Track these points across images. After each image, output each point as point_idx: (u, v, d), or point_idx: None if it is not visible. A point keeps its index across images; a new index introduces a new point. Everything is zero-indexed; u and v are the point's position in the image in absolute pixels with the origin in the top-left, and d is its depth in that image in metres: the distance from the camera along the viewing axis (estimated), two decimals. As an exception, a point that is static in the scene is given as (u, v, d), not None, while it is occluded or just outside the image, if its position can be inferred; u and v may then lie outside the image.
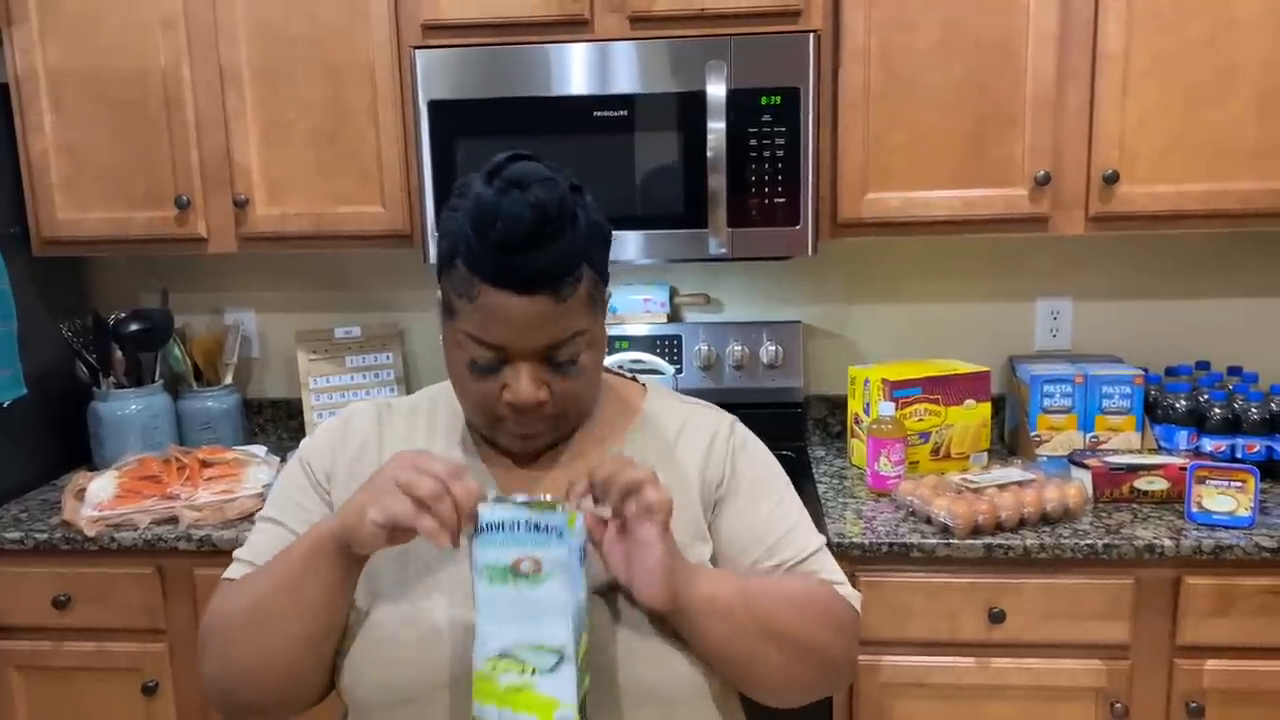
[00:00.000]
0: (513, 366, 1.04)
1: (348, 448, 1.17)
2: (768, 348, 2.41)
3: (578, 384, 1.08)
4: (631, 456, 1.13)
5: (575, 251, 1.01)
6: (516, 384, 1.04)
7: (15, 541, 2.01)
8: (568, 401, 1.09)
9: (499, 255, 0.98)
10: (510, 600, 0.93)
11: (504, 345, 1.03)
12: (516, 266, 0.98)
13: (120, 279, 2.64)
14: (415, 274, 2.57)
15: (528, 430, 1.09)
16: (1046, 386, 2.22)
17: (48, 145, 2.21)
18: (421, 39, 2.09)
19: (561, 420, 1.11)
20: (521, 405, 1.05)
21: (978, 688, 1.89)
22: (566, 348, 1.05)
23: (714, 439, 1.18)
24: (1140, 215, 2.06)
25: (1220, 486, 1.86)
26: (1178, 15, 1.98)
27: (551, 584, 0.92)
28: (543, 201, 0.97)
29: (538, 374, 1.05)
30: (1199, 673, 1.85)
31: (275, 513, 1.16)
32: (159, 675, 2.05)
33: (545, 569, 0.92)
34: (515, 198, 0.97)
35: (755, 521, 1.15)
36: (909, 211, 2.08)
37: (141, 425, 2.37)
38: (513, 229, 0.97)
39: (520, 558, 0.92)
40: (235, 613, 1.06)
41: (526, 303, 1.00)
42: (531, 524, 0.92)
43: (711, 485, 1.16)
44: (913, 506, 1.95)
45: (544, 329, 1.02)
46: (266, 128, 2.17)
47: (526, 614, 0.92)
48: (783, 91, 2.00)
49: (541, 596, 0.92)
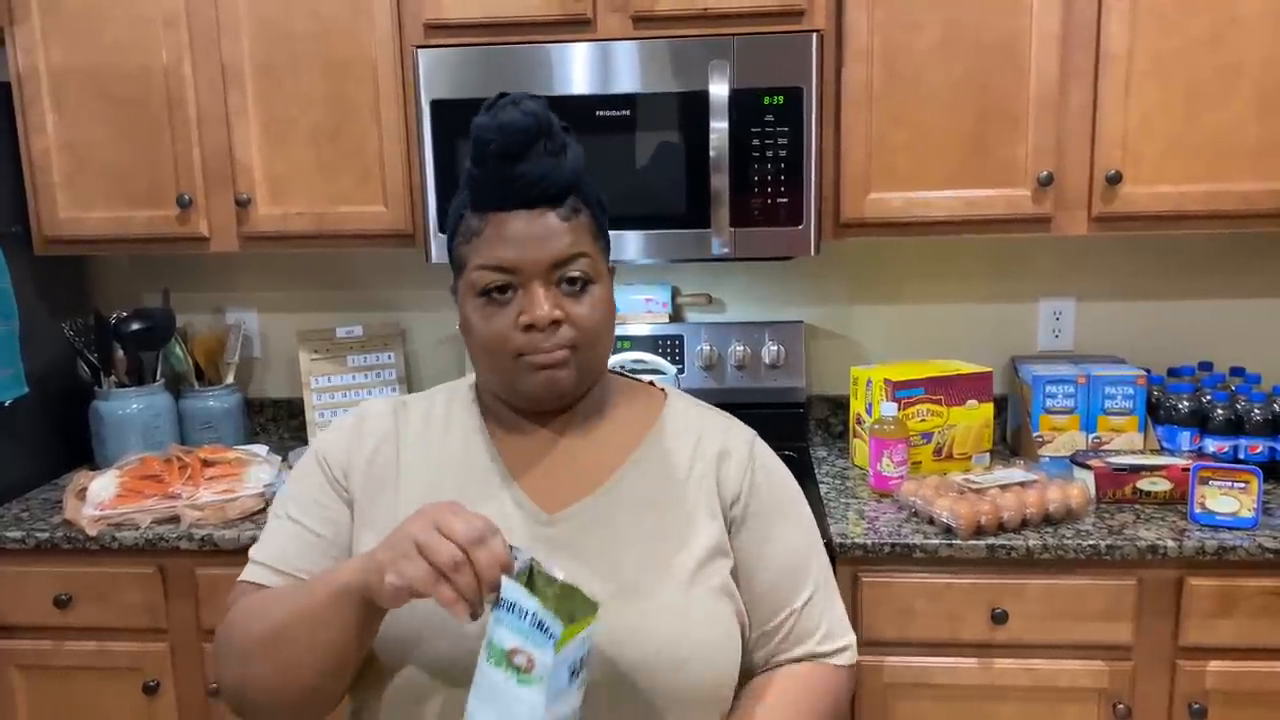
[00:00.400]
0: (526, 291, 1.07)
1: (364, 444, 1.17)
2: (770, 348, 2.41)
3: (591, 312, 1.10)
4: (652, 465, 1.14)
5: (574, 171, 1.08)
6: (531, 303, 1.07)
7: (17, 541, 2.01)
8: (583, 328, 1.09)
9: (501, 167, 1.05)
10: (498, 686, 0.89)
11: (514, 265, 1.06)
12: (519, 175, 1.05)
13: (122, 278, 2.64)
14: (417, 274, 2.57)
15: (547, 359, 1.08)
16: (1049, 387, 2.22)
17: (49, 144, 2.21)
18: (424, 38, 2.09)
19: (580, 353, 1.10)
20: (539, 321, 1.06)
21: (980, 688, 1.89)
22: (575, 265, 1.08)
23: (733, 453, 1.19)
24: (1143, 216, 2.05)
25: (1223, 487, 1.86)
26: (1180, 15, 1.98)
27: (535, 690, 0.88)
28: (536, 111, 1.05)
29: (551, 294, 1.08)
30: (1202, 674, 1.85)
31: (295, 512, 1.16)
32: (160, 675, 2.05)
33: (536, 671, 0.88)
34: (510, 110, 1.05)
35: (776, 550, 1.17)
36: (911, 212, 2.08)
37: (143, 424, 2.36)
38: (512, 136, 1.04)
39: (518, 649, 0.88)
40: (254, 634, 1.04)
41: (531, 218, 1.07)
42: (537, 620, 0.88)
43: (728, 501, 1.16)
44: (915, 507, 1.95)
45: (550, 242, 1.07)
46: (268, 126, 2.17)
47: (504, 706, 0.89)
48: (785, 91, 1.99)
49: (522, 696, 0.88)
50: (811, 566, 1.20)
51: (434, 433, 1.18)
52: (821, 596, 1.20)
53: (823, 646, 1.19)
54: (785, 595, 1.17)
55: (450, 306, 2.57)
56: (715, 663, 1.09)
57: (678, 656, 1.04)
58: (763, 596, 1.16)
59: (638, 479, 1.14)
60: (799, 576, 1.18)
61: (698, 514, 1.13)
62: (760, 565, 1.16)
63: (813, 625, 1.18)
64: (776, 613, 1.17)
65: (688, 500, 1.14)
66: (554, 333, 1.07)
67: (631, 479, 1.14)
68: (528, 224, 1.06)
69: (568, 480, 1.14)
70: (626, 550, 1.10)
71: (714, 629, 1.10)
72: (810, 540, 1.22)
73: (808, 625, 1.18)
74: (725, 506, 1.16)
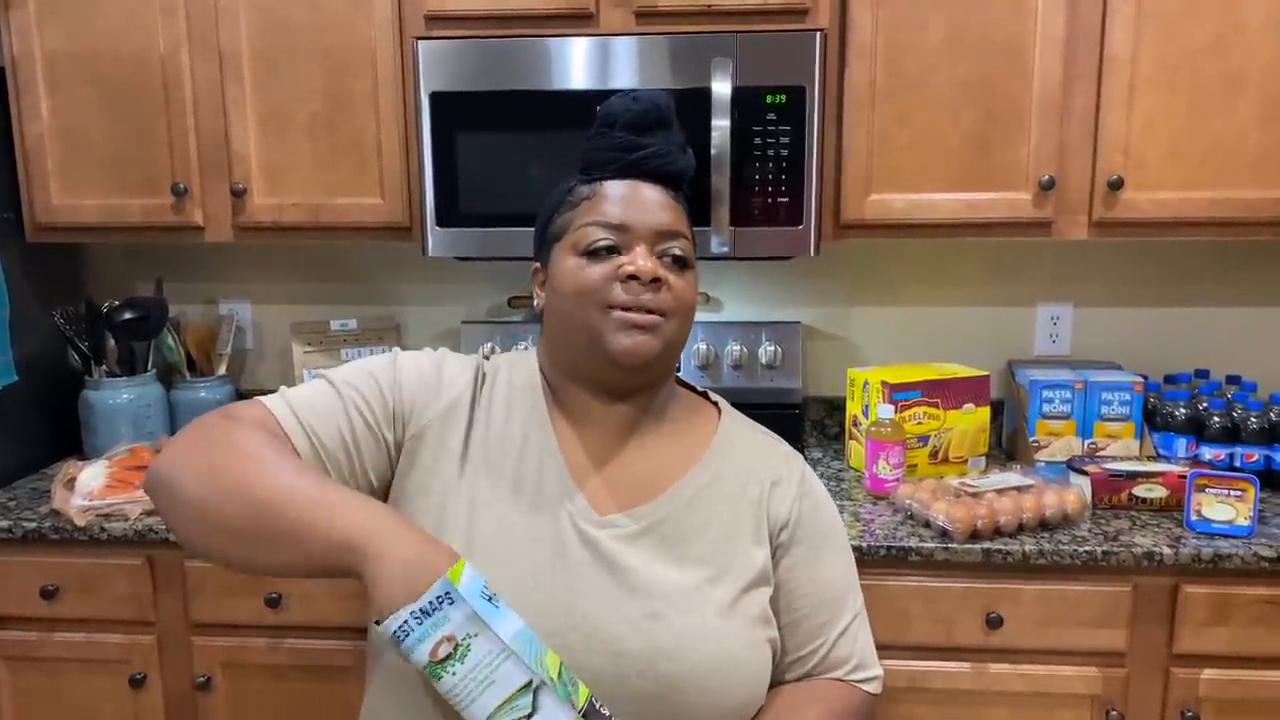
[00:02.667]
0: (629, 251, 1.11)
1: (442, 396, 1.13)
2: (766, 348, 2.40)
3: (688, 289, 1.13)
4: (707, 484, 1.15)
5: (688, 166, 1.17)
6: (637, 257, 1.10)
7: (4, 530, 1.99)
8: (680, 300, 1.12)
9: (630, 136, 1.12)
10: (460, 681, 0.91)
11: (627, 223, 1.10)
12: (646, 145, 1.12)
13: (115, 267, 2.62)
14: (413, 267, 2.55)
15: (640, 318, 1.09)
16: (1046, 392, 2.21)
17: (44, 130, 2.19)
18: (424, 29, 2.07)
19: (670, 325, 1.11)
20: (643, 272, 1.08)
21: (974, 693, 1.88)
22: (679, 243, 1.13)
23: (784, 480, 1.19)
24: (1144, 222, 2.05)
25: (1220, 495, 1.86)
26: (1185, 20, 1.97)
27: (477, 645, 0.91)
28: (665, 100, 1.16)
29: (653, 259, 1.11)
30: (1195, 681, 1.84)
31: (344, 387, 1.11)
32: (147, 668, 2.03)
33: (460, 639, 0.91)
34: (645, 94, 1.15)
35: (818, 579, 1.17)
36: (913, 214, 2.07)
37: (133, 414, 2.34)
38: (647, 108, 1.13)
39: (434, 645, 0.90)
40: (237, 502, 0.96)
41: (648, 188, 1.13)
42: (420, 611, 0.90)
43: (776, 525, 1.16)
44: (911, 510, 1.94)
45: (663, 212, 1.12)
46: (265, 116, 2.15)
47: (478, 685, 0.91)
48: (788, 90, 1.98)
49: (478, 662, 0.91)
50: (849, 598, 1.21)
51: (499, 414, 1.16)
52: (856, 627, 1.20)
53: (853, 676, 1.19)
54: (822, 624, 1.17)
55: (445, 302, 2.56)
56: (744, 686, 1.09)
57: (709, 682, 1.04)
58: (799, 623, 1.16)
59: (691, 496, 1.14)
60: (837, 607, 1.19)
61: (744, 539, 1.13)
62: (800, 593, 1.16)
63: (845, 655, 1.19)
64: (811, 640, 1.17)
65: (737, 524, 1.14)
66: (655, 290, 1.09)
67: (685, 495, 1.14)
68: (642, 191, 1.12)
69: (623, 485, 1.13)
70: (669, 568, 1.09)
71: (749, 654, 1.09)
72: (850, 571, 1.22)
73: (840, 655, 1.18)
74: (773, 532, 1.16)
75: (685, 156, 1.17)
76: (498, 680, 0.90)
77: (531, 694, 0.91)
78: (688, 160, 1.17)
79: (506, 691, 0.91)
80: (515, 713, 0.90)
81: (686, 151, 1.17)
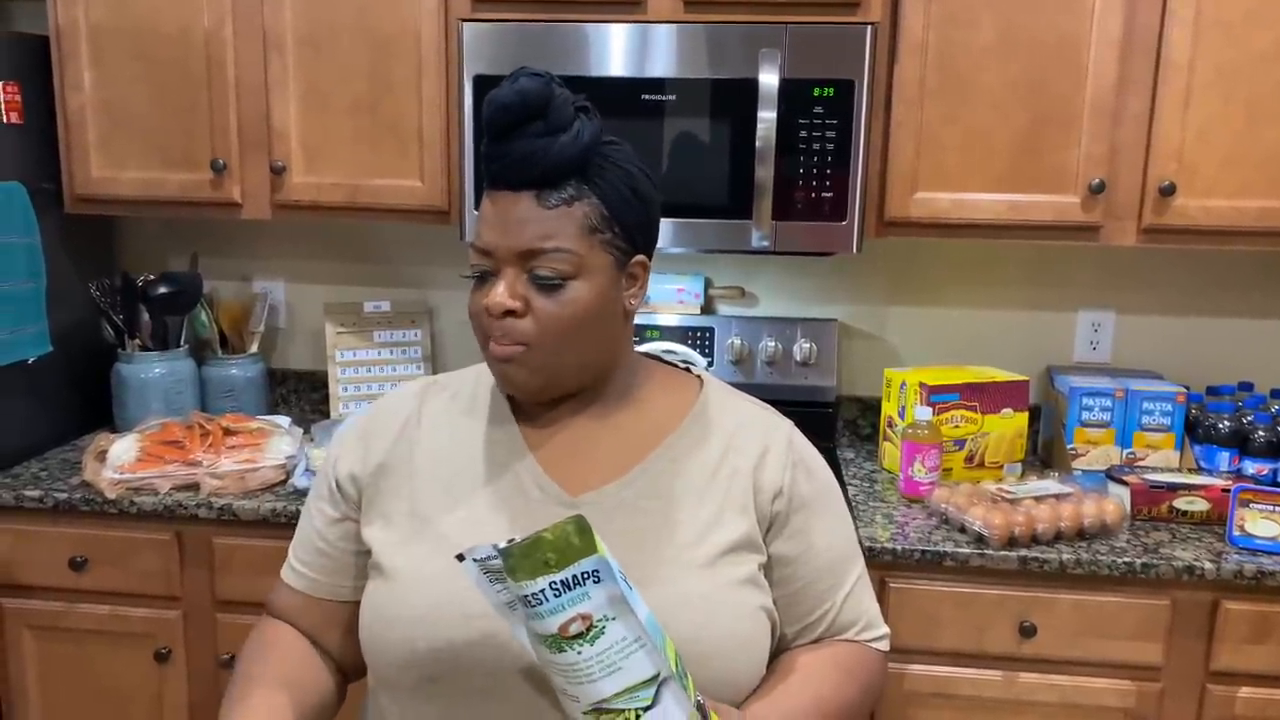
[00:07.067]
0: (498, 276, 1.06)
1: (374, 444, 1.16)
2: (801, 345, 2.37)
3: (560, 310, 1.05)
4: (684, 453, 1.11)
5: (563, 155, 1.03)
6: (492, 289, 1.05)
7: (35, 500, 1.99)
8: (545, 326, 1.05)
9: (490, 144, 1.04)
10: (583, 660, 0.86)
11: (489, 247, 1.05)
12: (504, 154, 1.03)
13: (150, 241, 2.62)
14: (449, 252, 2.54)
15: (499, 351, 1.06)
16: (1086, 399, 2.18)
17: (85, 101, 2.18)
18: (470, 11, 2.06)
19: (535, 352, 1.05)
20: (491, 309, 1.04)
21: (1003, 702, 1.85)
22: (548, 260, 1.04)
23: (772, 446, 1.15)
24: (1194, 229, 2.01)
25: (1265, 511, 1.82)
26: (1246, 27, 1.93)
27: (613, 629, 0.86)
28: (526, 89, 1.02)
29: (517, 285, 1.05)
30: (1232, 699, 1.81)
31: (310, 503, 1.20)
32: (172, 642, 2.03)
33: (596, 619, 0.86)
34: (505, 88, 1.03)
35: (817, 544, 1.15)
36: (958, 213, 2.04)
37: (164, 389, 2.34)
38: (498, 112, 1.02)
39: (566, 621, 0.85)
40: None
41: (511, 199, 1.04)
42: (560, 584, 0.85)
43: (769, 496, 1.12)
44: (946, 514, 1.91)
45: (523, 229, 1.04)
46: (307, 94, 2.14)
47: (603, 668, 0.86)
48: (836, 84, 1.95)
49: (609, 646, 0.86)
50: (851, 560, 1.18)
51: (458, 412, 1.16)
52: (860, 589, 1.18)
53: (862, 635, 1.18)
54: (827, 589, 1.15)
55: (479, 286, 2.54)
56: (738, 659, 1.06)
57: (699, 651, 1.01)
58: (804, 590, 1.14)
59: (666, 467, 1.11)
60: (840, 570, 1.16)
61: (726, 508, 1.10)
62: (802, 560, 1.13)
63: (852, 618, 1.17)
64: (818, 606, 1.14)
65: (717, 493, 1.11)
66: (503, 323, 1.05)
67: (660, 467, 1.11)
68: (506, 206, 1.04)
69: (593, 464, 1.11)
70: (646, 538, 1.07)
71: (739, 623, 1.06)
72: (849, 535, 1.20)
73: (848, 618, 1.16)
74: (765, 501, 1.12)
75: (559, 148, 1.02)
76: (625, 668, 0.86)
77: (655, 687, 0.87)
78: (559, 152, 1.02)
79: (630, 680, 0.86)
80: (633, 702, 0.86)
81: (560, 135, 1.02)
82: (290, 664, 1.14)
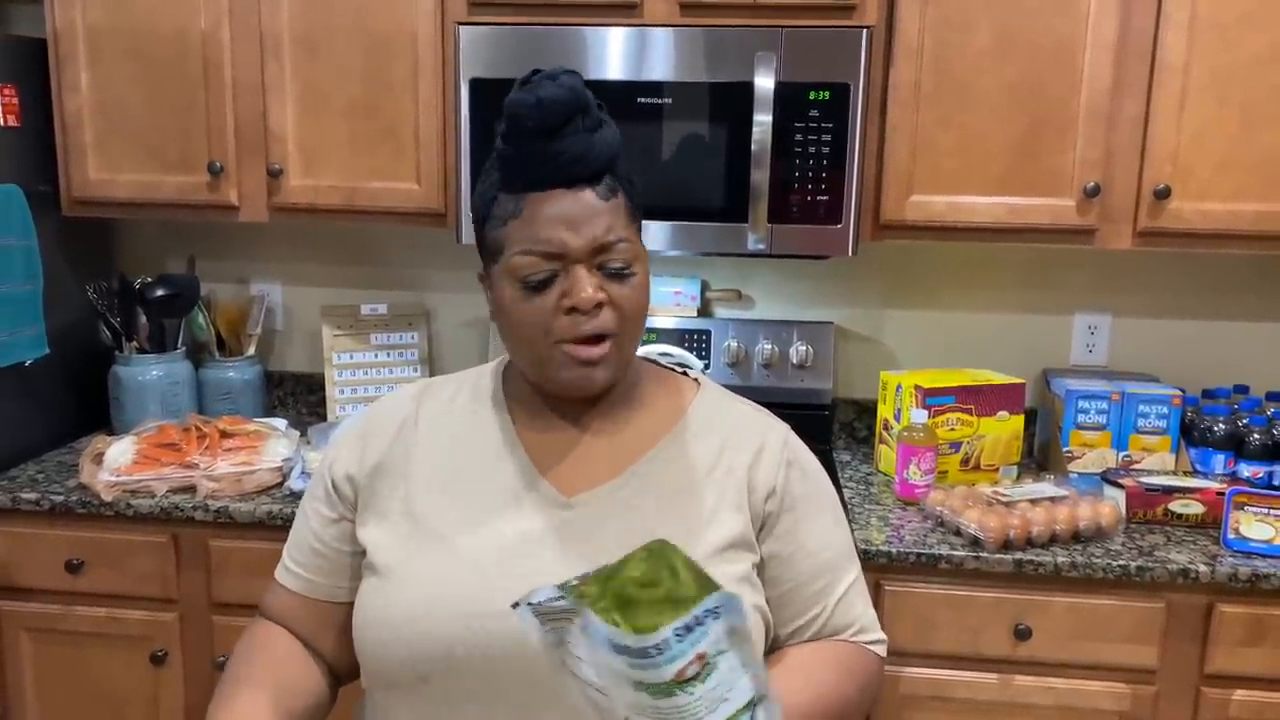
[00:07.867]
0: (568, 275, 1.04)
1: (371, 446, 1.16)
2: (798, 348, 2.37)
3: (637, 295, 1.07)
4: (679, 453, 1.11)
5: (612, 148, 1.05)
6: (576, 286, 1.03)
7: (31, 502, 1.99)
8: (626, 312, 1.06)
9: (539, 144, 1.02)
10: (694, 700, 0.79)
11: (558, 249, 1.03)
12: (559, 152, 1.01)
13: (148, 244, 2.62)
14: (446, 254, 2.54)
15: (587, 354, 1.05)
16: (1081, 402, 2.18)
17: (82, 103, 2.19)
18: (467, 14, 2.06)
19: (620, 341, 1.07)
20: (583, 304, 1.03)
21: (998, 704, 1.86)
22: (618, 251, 1.05)
23: (767, 447, 1.15)
24: (1189, 233, 2.01)
25: (1259, 514, 1.82)
26: (1241, 30, 1.93)
27: (723, 661, 0.79)
28: (575, 86, 1.02)
29: (594, 278, 1.04)
30: (1226, 702, 1.82)
31: (306, 503, 1.19)
32: (168, 645, 2.03)
33: (711, 656, 0.79)
34: (548, 86, 1.01)
35: (812, 545, 1.14)
36: (954, 216, 2.04)
37: (161, 392, 2.34)
38: (551, 111, 1.00)
39: (685, 665, 0.78)
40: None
41: (573, 198, 1.03)
42: (683, 627, 0.77)
43: (762, 495, 1.13)
44: (942, 517, 1.92)
45: (594, 223, 1.03)
46: (304, 97, 2.14)
47: (710, 704, 0.80)
48: (832, 87, 1.96)
49: (720, 680, 0.80)
50: (845, 563, 1.18)
51: (455, 414, 1.16)
52: (855, 593, 1.18)
53: (858, 639, 1.17)
54: (819, 590, 1.14)
55: (475, 290, 2.54)
56: None
57: None
58: (796, 591, 1.13)
59: (661, 468, 1.11)
60: (834, 572, 1.16)
61: (721, 508, 1.10)
62: (791, 560, 1.13)
63: (845, 623, 1.16)
64: (810, 607, 1.14)
65: (712, 493, 1.11)
66: (596, 315, 1.04)
67: (654, 468, 1.11)
68: (569, 204, 1.03)
69: (588, 465, 1.11)
70: (640, 537, 1.06)
71: None
72: (844, 538, 1.19)
73: (841, 620, 1.16)
74: (759, 500, 1.12)
75: (603, 143, 1.04)
76: (731, 698, 0.80)
77: (751, 710, 0.82)
78: (606, 144, 1.04)
79: (733, 709, 0.81)
80: None
81: (600, 129, 1.04)
82: (280, 666, 1.14)
